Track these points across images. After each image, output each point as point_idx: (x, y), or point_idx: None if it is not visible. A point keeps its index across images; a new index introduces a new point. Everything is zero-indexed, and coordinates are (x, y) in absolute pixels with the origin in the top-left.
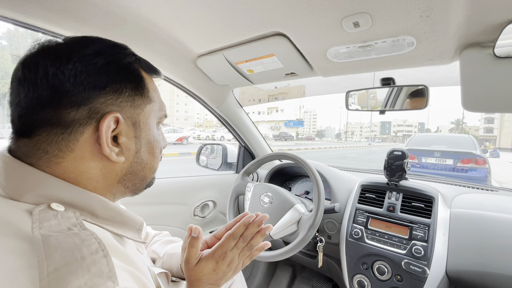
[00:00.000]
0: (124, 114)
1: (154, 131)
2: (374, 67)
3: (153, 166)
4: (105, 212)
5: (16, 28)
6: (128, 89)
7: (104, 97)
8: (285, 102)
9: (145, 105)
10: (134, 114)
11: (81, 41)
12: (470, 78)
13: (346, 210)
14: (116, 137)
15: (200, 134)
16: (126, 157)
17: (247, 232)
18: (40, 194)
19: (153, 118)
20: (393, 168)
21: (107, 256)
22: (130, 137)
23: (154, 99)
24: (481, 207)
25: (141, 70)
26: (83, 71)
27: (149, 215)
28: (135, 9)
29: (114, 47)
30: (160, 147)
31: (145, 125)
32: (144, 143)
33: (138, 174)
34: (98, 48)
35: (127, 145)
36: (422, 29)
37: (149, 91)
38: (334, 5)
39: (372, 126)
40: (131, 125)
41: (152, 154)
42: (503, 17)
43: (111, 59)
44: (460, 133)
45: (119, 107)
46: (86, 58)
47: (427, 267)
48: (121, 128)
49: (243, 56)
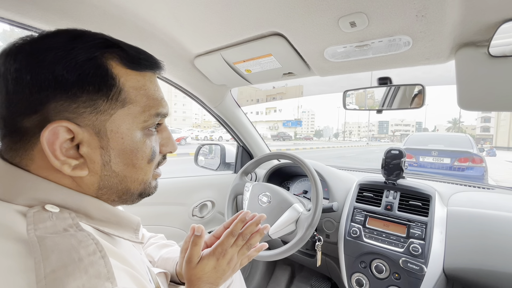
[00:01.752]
0: (82, 121)
1: (134, 139)
2: (371, 67)
3: (136, 178)
4: (100, 213)
5: (12, 28)
6: (86, 92)
7: (55, 103)
8: (283, 102)
9: (115, 110)
10: (96, 122)
11: (44, 35)
12: (465, 77)
13: (344, 209)
14: (79, 146)
15: (198, 134)
16: (92, 170)
17: (246, 230)
18: (31, 197)
19: (130, 124)
20: (391, 167)
21: (105, 257)
22: (93, 147)
23: (135, 99)
24: (478, 205)
25: (112, 66)
26: (28, 71)
27: (147, 215)
28: (132, 9)
29: (74, 40)
30: (146, 156)
31: (115, 133)
32: (115, 154)
33: (116, 187)
34: (52, 43)
35: (90, 157)
36: (418, 28)
37: (122, 92)
38: (330, 5)
39: (370, 125)
40: (94, 134)
41: (132, 166)
42: (498, 17)
43: (62, 56)
44: (457, 132)
45: (74, 113)
46: (32, 56)
47: (425, 265)
48: (80, 137)
49: (240, 56)
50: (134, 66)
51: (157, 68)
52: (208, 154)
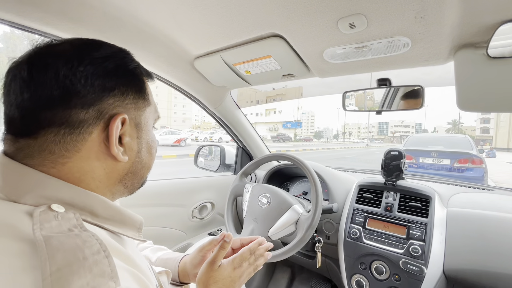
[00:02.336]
0: (129, 115)
1: (152, 132)
2: (370, 68)
3: (150, 165)
4: (105, 211)
5: (12, 30)
6: (133, 92)
7: (112, 99)
8: (283, 103)
9: (146, 107)
10: (137, 116)
11: (90, 44)
12: (464, 78)
13: (344, 210)
14: (120, 137)
15: (198, 136)
16: (129, 157)
17: (258, 252)
18: (39, 194)
19: (151, 120)
20: (390, 168)
21: (109, 256)
22: (133, 137)
23: (151, 102)
24: (478, 206)
25: (142, 74)
26: (94, 73)
27: (147, 216)
28: (132, 11)
29: (121, 52)
30: (155, 147)
31: (145, 126)
32: (144, 143)
33: (137, 173)
34: (108, 52)
35: (130, 145)
36: (417, 30)
37: (148, 95)
38: (329, 7)
39: (370, 127)
40: (134, 126)
41: (150, 154)
42: (496, 19)
43: (120, 63)
44: (457, 133)
45: (124, 108)
46: (97, 61)
47: (425, 266)
48: (126, 128)
49: (240, 57)
50: (148, 76)
51: (154, 79)
52: (208, 156)
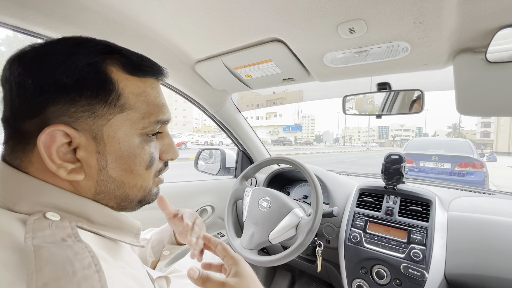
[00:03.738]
0: (79, 125)
1: (131, 145)
2: (370, 72)
3: (134, 184)
4: (101, 218)
5: (15, 34)
6: (84, 97)
7: (54, 107)
8: (283, 107)
9: (112, 115)
10: (93, 126)
11: (48, 42)
12: (463, 82)
13: (345, 214)
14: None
15: (199, 139)
16: (88, 175)
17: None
18: (34, 201)
19: (128, 130)
20: (391, 172)
21: (100, 271)
22: (90, 152)
23: (135, 105)
24: (479, 210)
25: (112, 71)
26: (29, 75)
27: (146, 220)
28: (134, 15)
29: (75, 46)
30: (144, 162)
31: (111, 138)
32: (112, 159)
33: (113, 193)
34: (54, 49)
35: (87, 161)
36: (416, 35)
37: (121, 97)
38: (329, 12)
39: (370, 130)
40: (91, 139)
41: (129, 172)
42: (494, 24)
43: (62, 61)
44: (457, 137)
45: (72, 118)
46: (34, 61)
47: (426, 270)
48: (77, 141)
49: (241, 61)
50: (135, 72)
51: (159, 74)
52: (208, 159)
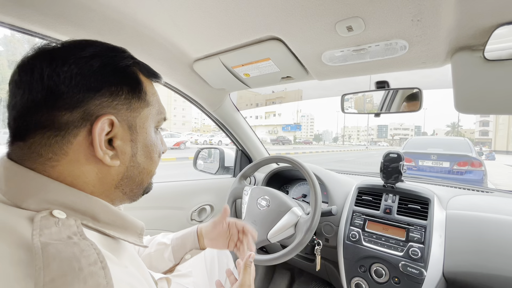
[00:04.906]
0: (119, 117)
1: (152, 135)
2: (369, 70)
3: (150, 170)
4: (106, 216)
5: (13, 33)
6: (125, 92)
7: (99, 100)
8: (283, 106)
9: (142, 109)
10: (130, 117)
11: (78, 44)
12: (461, 80)
13: (343, 213)
14: (111, 140)
15: (198, 138)
16: (122, 161)
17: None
18: (41, 198)
19: (150, 122)
20: (389, 170)
21: (105, 268)
22: (125, 140)
23: (152, 103)
24: (477, 208)
25: (139, 73)
26: (78, 73)
27: (146, 219)
28: (132, 14)
29: (112, 50)
30: (158, 151)
31: (141, 128)
32: (140, 147)
33: (135, 178)
34: (95, 51)
35: (122, 149)
36: (414, 33)
37: (146, 95)
38: (327, 10)
39: (369, 129)
40: (127, 128)
41: (150, 158)
42: (492, 22)
43: (108, 62)
44: (456, 136)
45: (114, 109)
46: (82, 60)
47: (424, 268)
48: (116, 131)
49: (239, 60)
50: (151, 76)
51: (160, 79)
52: (207, 158)
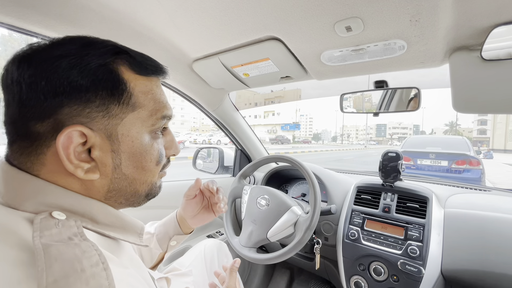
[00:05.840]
0: (95, 125)
1: (143, 142)
2: (367, 70)
3: (145, 180)
4: (105, 217)
5: (10, 33)
6: (99, 97)
7: (69, 108)
8: (282, 105)
9: (125, 114)
10: (108, 125)
11: (55, 43)
12: (459, 80)
13: (342, 212)
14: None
15: (197, 138)
16: (103, 173)
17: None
18: (39, 201)
19: (139, 128)
20: (388, 169)
21: (107, 269)
22: (105, 151)
23: (143, 104)
24: (475, 206)
25: (122, 71)
26: (42, 77)
27: (145, 219)
28: (131, 14)
29: (86, 47)
30: (154, 158)
31: (125, 137)
32: (125, 157)
33: (125, 190)
34: (65, 50)
35: (102, 160)
36: (412, 33)
37: (132, 97)
38: (326, 10)
39: (368, 128)
40: (105, 138)
41: (141, 168)
42: (489, 22)
43: (76, 62)
44: (454, 135)
45: (87, 118)
46: (46, 62)
47: (423, 267)
48: (92, 141)
49: (238, 60)
50: (142, 72)
51: (162, 73)
52: (206, 158)
